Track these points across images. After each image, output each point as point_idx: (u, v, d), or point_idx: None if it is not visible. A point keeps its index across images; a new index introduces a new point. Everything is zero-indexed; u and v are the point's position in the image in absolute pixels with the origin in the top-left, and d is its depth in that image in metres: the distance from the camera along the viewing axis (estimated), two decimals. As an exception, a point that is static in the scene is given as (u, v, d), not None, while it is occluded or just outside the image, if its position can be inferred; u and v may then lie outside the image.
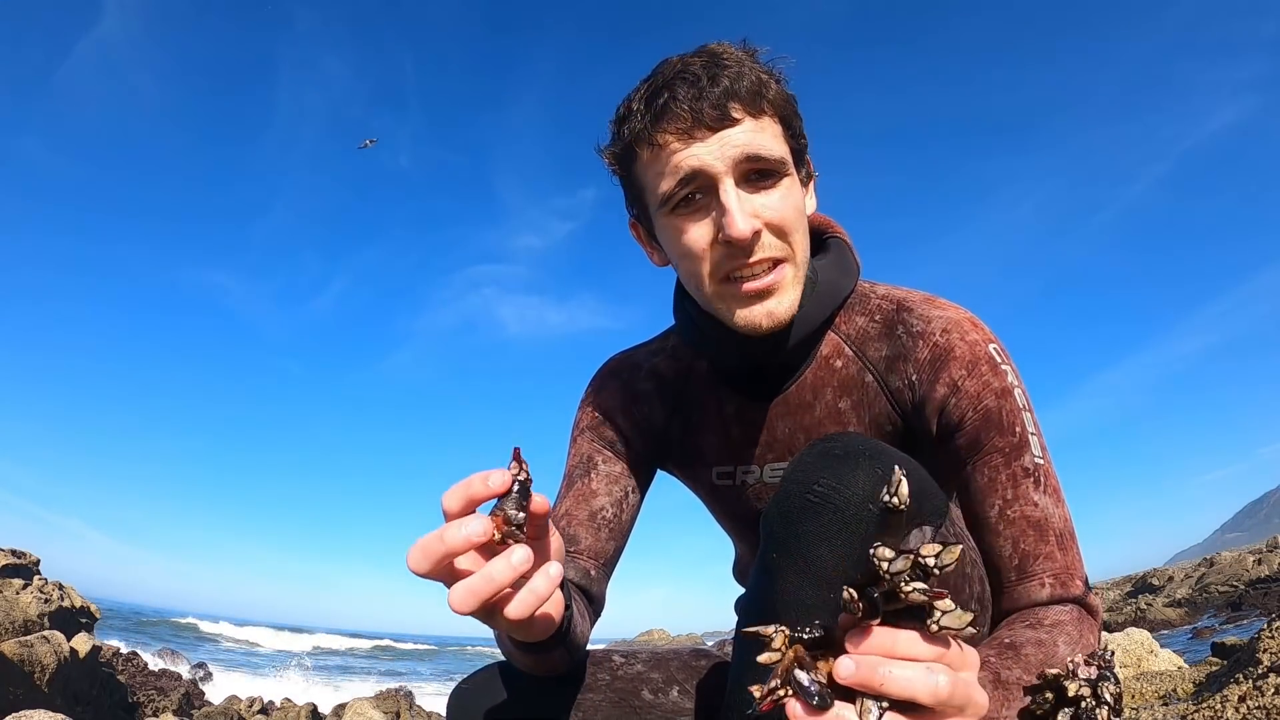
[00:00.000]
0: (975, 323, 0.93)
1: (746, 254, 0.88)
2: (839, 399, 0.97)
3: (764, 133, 0.88)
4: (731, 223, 0.85)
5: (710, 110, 0.85)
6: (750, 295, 0.89)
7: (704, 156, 0.86)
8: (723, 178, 0.86)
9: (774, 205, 0.88)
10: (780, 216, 0.88)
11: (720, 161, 0.86)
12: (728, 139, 0.86)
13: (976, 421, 0.87)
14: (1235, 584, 8.13)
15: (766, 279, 0.89)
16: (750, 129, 0.87)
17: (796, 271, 0.91)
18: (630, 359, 1.13)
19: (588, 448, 1.09)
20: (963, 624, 0.49)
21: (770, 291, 0.89)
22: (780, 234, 0.89)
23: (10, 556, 6.03)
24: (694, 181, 0.88)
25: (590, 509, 1.04)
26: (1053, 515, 0.84)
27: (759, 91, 0.87)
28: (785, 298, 0.90)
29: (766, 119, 0.89)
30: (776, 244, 0.89)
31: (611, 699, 0.97)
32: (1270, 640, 2.19)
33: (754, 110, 0.87)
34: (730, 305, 0.91)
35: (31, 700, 4.14)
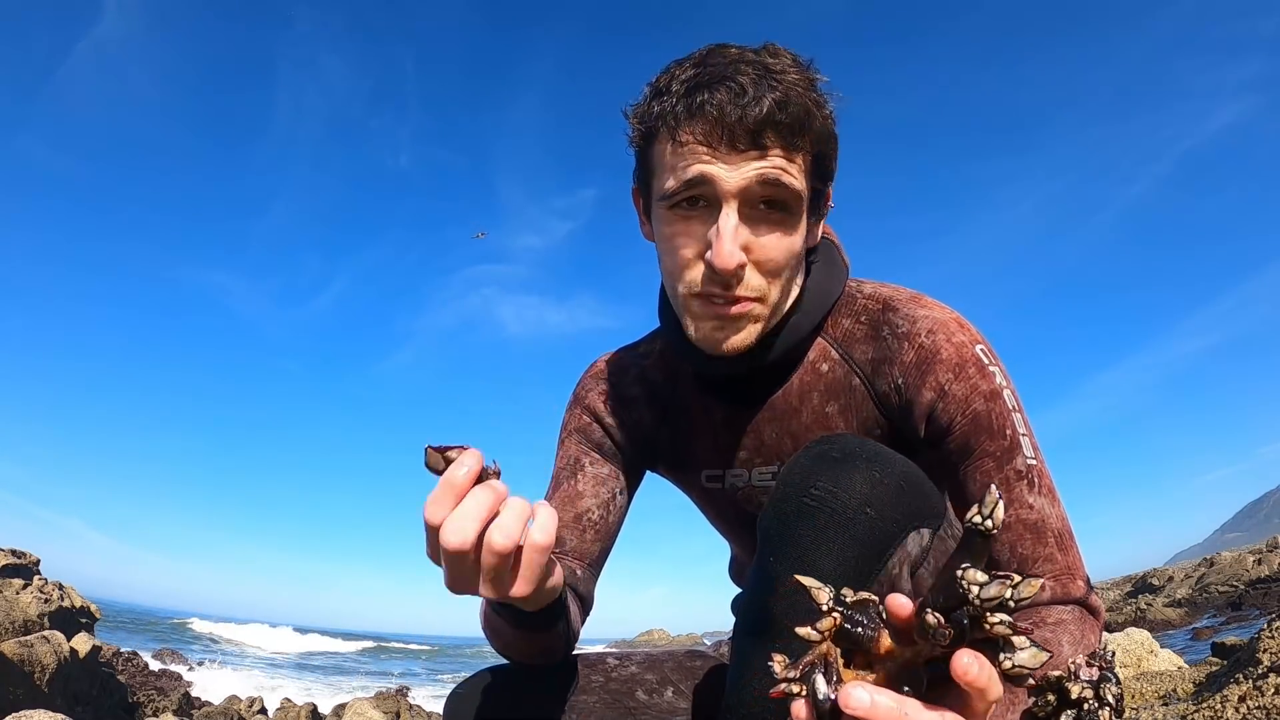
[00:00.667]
0: (961, 323, 0.91)
1: (725, 284, 0.85)
2: (826, 403, 0.96)
3: (792, 165, 0.83)
4: (719, 251, 0.82)
5: (743, 131, 0.80)
6: (718, 317, 0.87)
7: (720, 175, 0.82)
8: (729, 199, 0.83)
9: (769, 245, 0.85)
10: (768, 257, 0.85)
11: (733, 184, 0.82)
12: (750, 166, 0.82)
13: (966, 426, 0.85)
14: (1235, 584, 8.13)
15: (737, 308, 0.86)
16: (777, 163, 0.82)
17: (764, 312, 0.88)
18: (618, 362, 1.12)
19: (575, 450, 1.08)
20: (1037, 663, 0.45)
21: (739, 321, 0.87)
22: (765, 273, 0.86)
23: (10, 556, 6.03)
24: (699, 187, 0.84)
25: (576, 511, 1.03)
26: (1049, 516, 0.83)
27: (801, 124, 0.82)
28: (746, 331, 0.88)
29: (799, 156, 0.84)
30: (757, 283, 0.86)
31: (605, 700, 0.97)
32: (1270, 640, 2.19)
33: (788, 145, 0.82)
34: (695, 319, 0.89)
35: (31, 700, 4.14)
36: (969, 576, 0.44)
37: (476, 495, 0.63)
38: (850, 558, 0.71)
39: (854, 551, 0.71)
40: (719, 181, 0.82)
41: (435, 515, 0.63)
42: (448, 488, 0.63)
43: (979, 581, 0.43)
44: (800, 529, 0.72)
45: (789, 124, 0.81)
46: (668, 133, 0.85)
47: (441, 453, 0.63)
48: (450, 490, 0.63)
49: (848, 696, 0.46)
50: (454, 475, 0.62)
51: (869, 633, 0.50)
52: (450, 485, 0.63)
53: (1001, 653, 0.45)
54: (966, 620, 0.44)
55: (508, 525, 0.63)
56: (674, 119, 0.83)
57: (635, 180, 0.98)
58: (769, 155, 0.82)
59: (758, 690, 0.73)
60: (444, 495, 0.63)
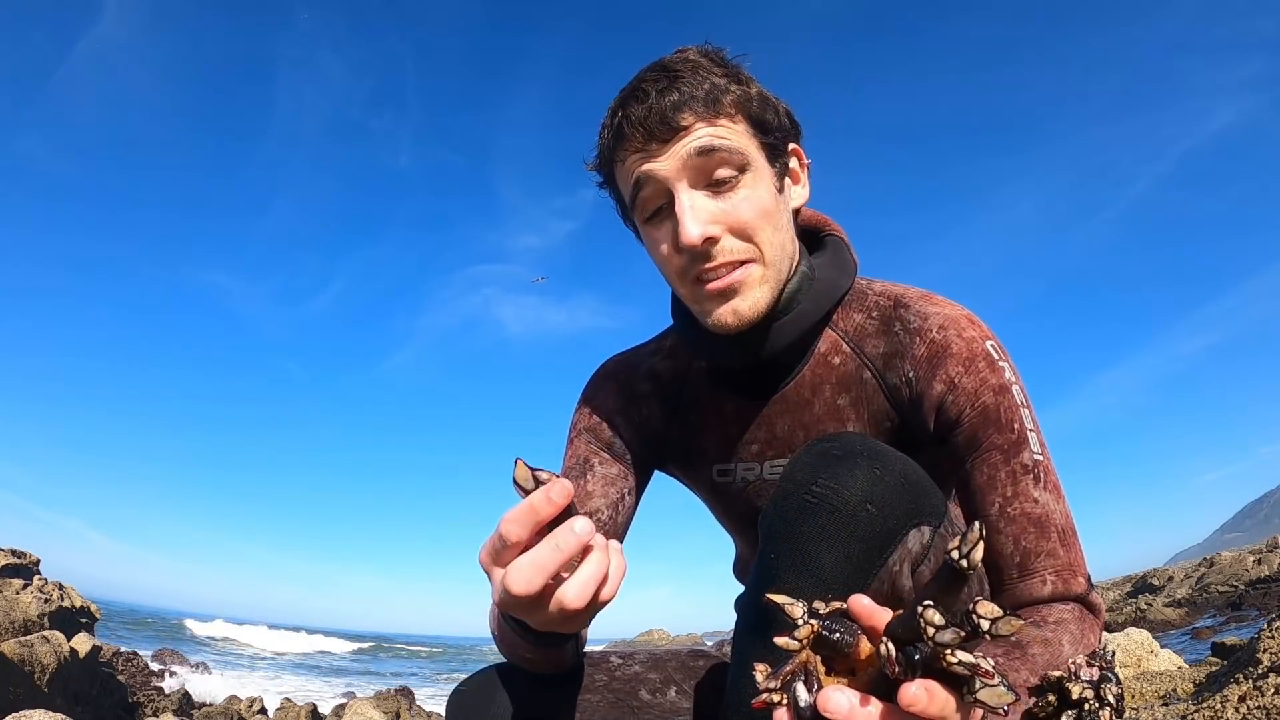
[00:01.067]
0: (972, 319, 0.93)
1: (706, 258, 0.89)
2: (838, 396, 0.97)
3: (725, 135, 0.88)
4: (682, 230, 0.87)
5: (659, 124, 0.87)
6: (714, 295, 0.90)
7: (656, 170, 0.88)
8: (675, 184, 0.88)
9: (732, 208, 0.88)
10: (740, 219, 0.88)
11: (672, 168, 0.88)
12: (678, 149, 0.87)
13: (974, 419, 0.87)
14: (1235, 584, 8.13)
15: (728, 278, 0.89)
16: (705, 133, 0.87)
17: (765, 270, 0.91)
18: (627, 360, 1.13)
19: (584, 449, 1.08)
20: (1000, 702, 0.45)
21: (734, 290, 0.90)
22: (742, 235, 0.89)
23: (10, 556, 6.03)
24: (647, 188, 0.90)
25: (585, 512, 1.03)
26: (1054, 512, 0.84)
27: (713, 97, 0.88)
28: (750, 296, 0.91)
29: (723, 120, 0.89)
30: (739, 246, 0.89)
31: (609, 699, 0.97)
32: (1270, 640, 2.19)
33: (709, 115, 0.88)
34: (701, 306, 0.93)
35: (31, 700, 4.14)
36: (927, 616, 0.44)
37: (556, 543, 0.60)
38: (851, 554, 0.71)
39: (855, 548, 0.71)
40: (657, 172, 0.89)
41: (511, 533, 0.61)
42: (530, 512, 0.60)
43: (935, 624, 0.44)
44: (802, 526, 0.72)
45: (702, 99, 0.87)
46: (612, 162, 0.94)
47: (533, 472, 0.61)
48: (531, 515, 0.60)
49: (826, 700, 0.47)
50: (540, 504, 0.60)
51: (847, 638, 0.51)
52: (533, 510, 0.60)
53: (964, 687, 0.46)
54: (919, 657, 0.46)
55: (583, 588, 0.61)
56: (608, 148, 0.94)
57: (621, 220, 1.03)
58: (692, 130, 0.87)
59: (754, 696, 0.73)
60: (525, 516, 0.60)
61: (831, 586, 0.71)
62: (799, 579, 0.72)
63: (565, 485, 0.60)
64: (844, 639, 0.51)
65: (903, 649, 0.47)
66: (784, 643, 0.50)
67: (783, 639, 0.50)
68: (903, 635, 0.47)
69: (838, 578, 0.71)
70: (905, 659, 0.46)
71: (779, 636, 0.50)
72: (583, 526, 0.61)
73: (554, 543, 0.60)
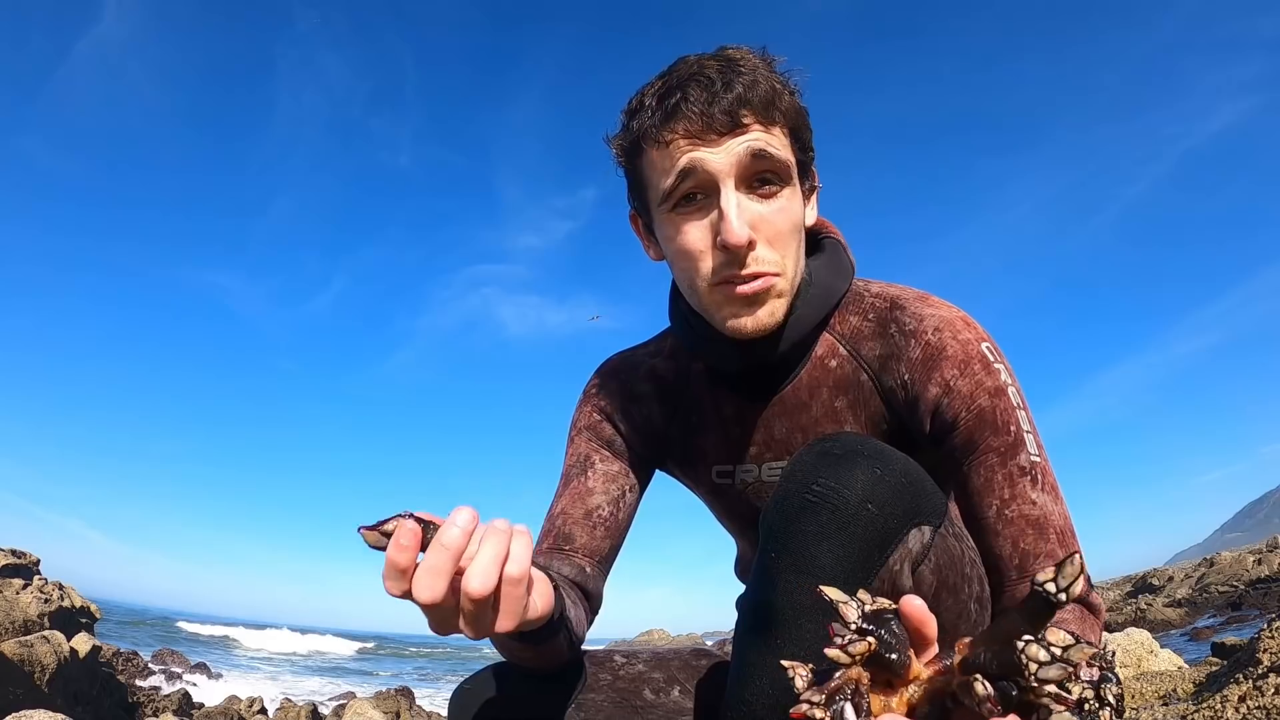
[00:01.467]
0: (968, 321, 0.92)
1: (741, 263, 0.88)
2: (835, 398, 0.97)
3: (777, 144, 0.88)
4: (729, 228, 0.85)
5: (721, 115, 0.85)
6: (741, 299, 0.89)
7: (709, 161, 0.86)
8: (725, 180, 0.87)
9: (771, 218, 0.88)
10: (774, 229, 0.88)
11: (725, 165, 0.86)
12: (735, 145, 0.86)
13: (970, 421, 0.86)
14: (1235, 584, 8.13)
15: (757, 284, 0.88)
16: (759, 136, 0.87)
17: (784, 285, 0.91)
18: (628, 359, 1.13)
19: (585, 447, 1.08)
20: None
21: (761, 299, 0.90)
22: (773, 245, 0.89)
23: (10, 556, 6.03)
24: (694, 179, 0.87)
25: (586, 507, 1.03)
26: (1052, 513, 0.83)
27: (772, 101, 0.87)
28: (771, 306, 0.90)
29: (777, 129, 0.89)
30: (769, 256, 0.89)
31: (613, 699, 0.97)
32: (1270, 640, 2.19)
33: (765, 119, 0.87)
34: (721, 309, 0.91)
35: (31, 700, 4.14)
36: (1029, 653, 0.42)
37: (442, 542, 0.60)
38: (851, 554, 0.71)
39: (855, 548, 0.71)
40: (710, 164, 0.86)
41: (393, 588, 0.60)
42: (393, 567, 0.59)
43: (1040, 660, 0.42)
44: (802, 525, 0.72)
45: (761, 99, 0.86)
46: (651, 140, 0.89)
47: (378, 529, 0.60)
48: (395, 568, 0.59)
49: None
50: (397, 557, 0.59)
51: (902, 658, 0.49)
52: (394, 566, 0.59)
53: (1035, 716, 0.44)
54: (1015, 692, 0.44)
55: (481, 571, 0.60)
56: (654, 126, 0.89)
57: (630, 203, 1.01)
58: (750, 130, 0.86)
59: (764, 690, 0.73)
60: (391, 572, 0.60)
61: (832, 585, 0.71)
62: (800, 578, 0.72)
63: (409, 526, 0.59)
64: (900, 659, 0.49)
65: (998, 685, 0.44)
66: (835, 655, 0.47)
67: (834, 651, 0.48)
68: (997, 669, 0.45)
69: (838, 577, 0.71)
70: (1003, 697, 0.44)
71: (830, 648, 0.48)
72: (464, 518, 0.60)
73: (439, 543, 0.59)
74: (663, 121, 0.87)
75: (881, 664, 0.48)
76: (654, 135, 0.89)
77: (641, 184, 0.95)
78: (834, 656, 0.47)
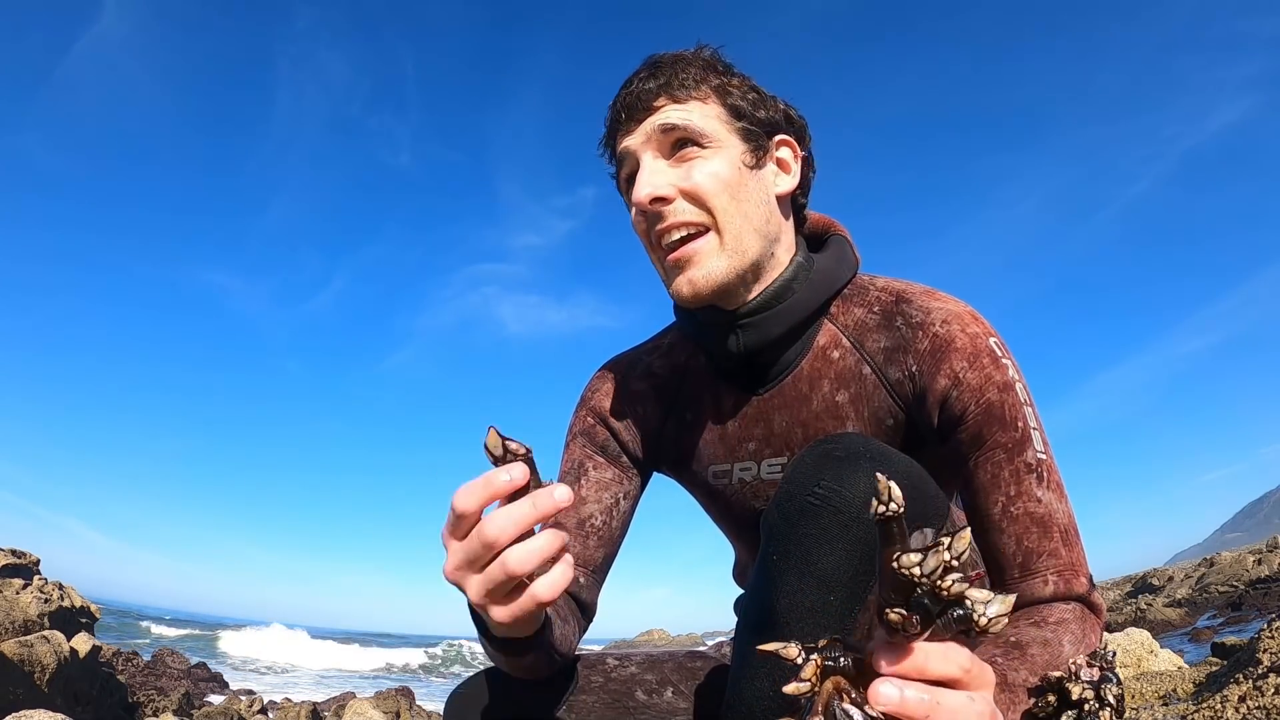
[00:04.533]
0: (975, 316, 0.92)
1: (659, 219, 0.93)
2: (836, 391, 0.97)
3: (690, 113, 0.93)
4: (636, 189, 0.93)
5: (635, 101, 0.94)
6: (672, 265, 0.94)
7: (628, 141, 0.96)
8: (640, 152, 0.95)
9: (687, 173, 0.92)
10: (695, 184, 0.92)
11: (638, 140, 0.95)
12: (646, 123, 0.94)
13: (978, 415, 0.86)
14: (1235, 584, 8.12)
15: (683, 249, 0.93)
16: (674, 110, 0.93)
17: (721, 240, 0.92)
18: (625, 360, 1.13)
19: (579, 453, 1.08)
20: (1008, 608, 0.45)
21: (688, 260, 0.93)
22: (696, 201, 0.92)
23: (10, 556, 6.03)
24: (625, 162, 0.97)
25: (579, 517, 1.03)
26: (1056, 511, 0.83)
27: (685, 83, 0.94)
28: (705, 267, 0.92)
29: (694, 102, 0.94)
30: (691, 210, 0.92)
31: (605, 700, 0.97)
32: (1270, 640, 2.19)
33: (678, 96, 0.94)
34: (664, 277, 0.97)
35: (31, 700, 4.14)
36: (903, 561, 0.45)
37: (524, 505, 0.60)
38: (854, 556, 0.71)
39: (857, 550, 0.71)
40: (627, 144, 0.96)
41: (462, 503, 0.61)
42: (484, 485, 0.60)
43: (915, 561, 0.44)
44: (804, 527, 0.72)
45: (677, 81, 0.94)
46: (610, 147, 1.01)
47: (504, 440, 0.61)
48: (486, 489, 0.60)
49: (876, 695, 0.47)
50: (497, 479, 0.60)
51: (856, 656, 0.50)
52: (488, 484, 0.60)
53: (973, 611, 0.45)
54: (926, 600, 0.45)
55: (526, 555, 0.60)
56: (608, 134, 1.01)
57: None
58: (663, 110, 0.94)
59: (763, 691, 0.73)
60: (479, 489, 0.61)
61: (834, 588, 0.71)
62: (801, 580, 0.72)
63: (522, 468, 0.60)
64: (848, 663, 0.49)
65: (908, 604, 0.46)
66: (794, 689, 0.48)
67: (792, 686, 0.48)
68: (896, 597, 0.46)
69: (840, 579, 0.71)
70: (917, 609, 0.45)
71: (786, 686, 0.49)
72: (563, 493, 0.61)
73: (523, 507, 0.60)
74: (609, 128, 1.00)
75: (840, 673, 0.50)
76: (608, 142, 1.01)
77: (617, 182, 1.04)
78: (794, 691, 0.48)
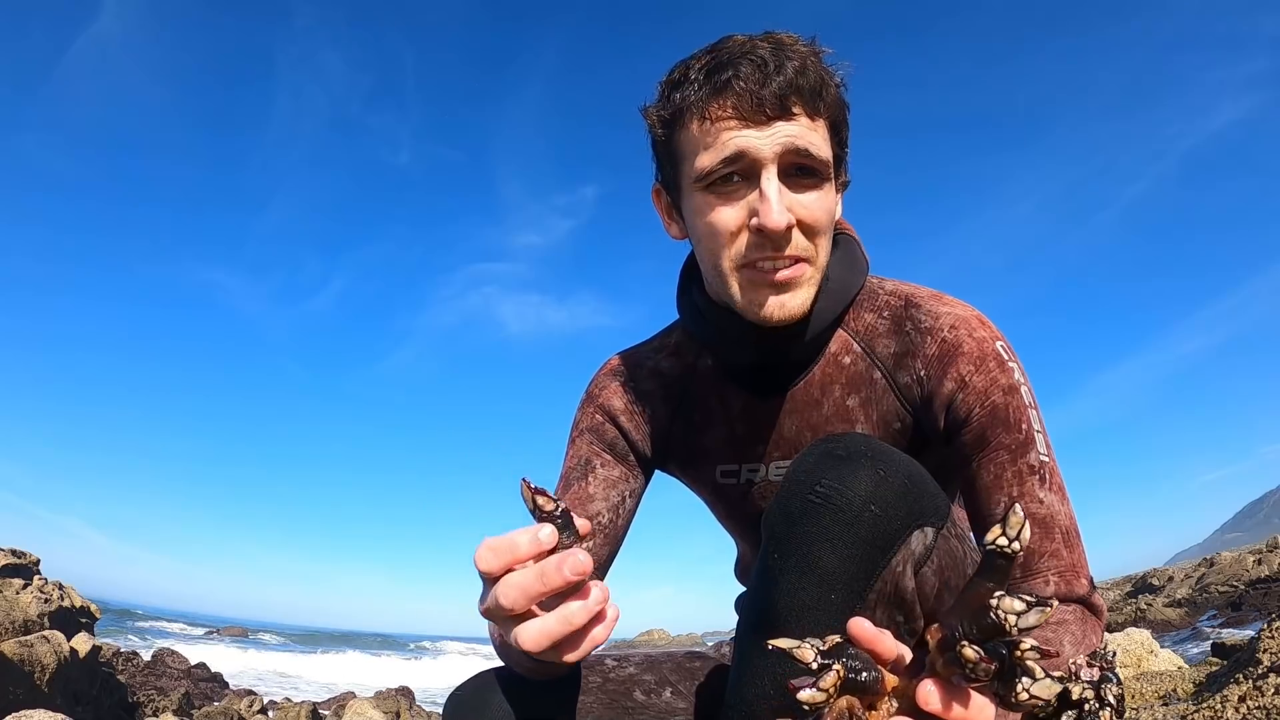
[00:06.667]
0: (983, 320, 0.93)
1: (776, 246, 0.87)
2: (847, 396, 0.97)
3: (816, 133, 0.88)
4: (768, 212, 0.85)
5: (772, 98, 0.84)
6: (772, 284, 0.89)
7: (755, 142, 0.86)
8: (768, 165, 0.86)
9: (810, 205, 0.88)
10: (814, 217, 0.88)
11: (769, 150, 0.86)
12: (781, 130, 0.86)
13: (983, 417, 0.87)
14: (1235, 584, 8.12)
15: (790, 270, 0.89)
16: (804, 126, 0.87)
17: (815, 274, 0.91)
18: (631, 358, 1.12)
19: (586, 450, 1.07)
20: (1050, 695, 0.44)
21: (792, 284, 0.90)
22: (810, 234, 0.89)
23: (10, 556, 6.03)
24: (738, 163, 0.87)
25: (586, 514, 1.02)
26: (1058, 513, 0.84)
27: (819, 91, 0.87)
28: (801, 294, 0.91)
29: (820, 120, 0.89)
30: (804, 244, 0.89)
31: (604, 700, 0.97)
32: (1270, 640, 2.19)
33: (811, 109, 0.87)
34: (746, 292, 0.91)
35: (31, 700, 4.14)
36: (1005, 605, 0.42)
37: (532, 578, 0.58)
38: (854, 555, 0.71)
39: (858, 549, 0.71)
40: (755, 149, 0.86)
41: (485, 564, 0.59)
42: (509, 551, 0.58)
43: (1016, 610, 0.42)
44: (805, 526, 0.72)
45: (809, 89, 0.86)
46: (696, 114, 0.88)
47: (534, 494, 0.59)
48: (511, 554, 0.59)
49: None
50: (520, 545, 0.58)
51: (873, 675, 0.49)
52: (513, 550, 0.58)
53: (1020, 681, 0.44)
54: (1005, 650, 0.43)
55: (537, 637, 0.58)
56: (701, 100, 0.87)
57: (658, 178, 1.00)
58: (796, 120, 0.86)
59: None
60: (503, 554, 0.59)
61: (834, 587, 0.71)
62: (802, 579, 0.72)
63: (550, 531, 0.58)
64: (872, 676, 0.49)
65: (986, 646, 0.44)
66: (809, 696, 0.47)
67: (807, 693, 0.47)
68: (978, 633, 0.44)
69: (840, 578, 0.71)
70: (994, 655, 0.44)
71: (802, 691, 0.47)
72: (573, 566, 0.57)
73: (541, 571, 0.58)
74: (710, 95, 0.86)
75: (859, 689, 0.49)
76: (699, 109, 0.87)
77: (676, 157, 0.93)
78: (809, 698, 0.47)
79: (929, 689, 0.48)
